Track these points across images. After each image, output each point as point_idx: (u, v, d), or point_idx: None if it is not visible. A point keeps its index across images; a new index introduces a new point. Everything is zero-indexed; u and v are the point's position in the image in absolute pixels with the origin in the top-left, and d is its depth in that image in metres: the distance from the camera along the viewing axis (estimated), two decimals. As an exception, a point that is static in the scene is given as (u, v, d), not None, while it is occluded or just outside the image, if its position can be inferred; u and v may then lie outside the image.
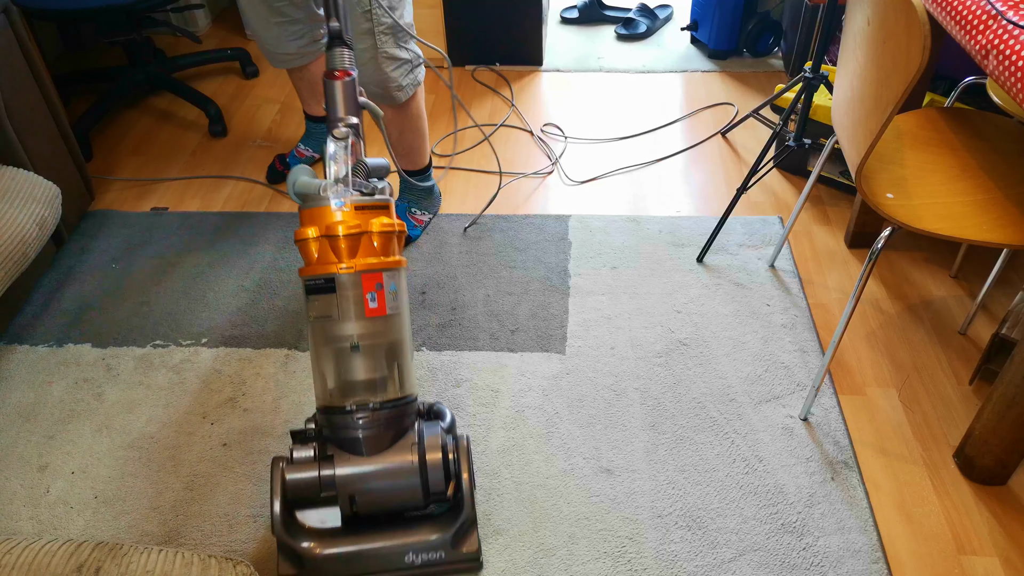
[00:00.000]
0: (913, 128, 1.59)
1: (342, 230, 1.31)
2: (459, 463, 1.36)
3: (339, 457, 1.34)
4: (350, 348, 1.34)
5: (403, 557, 1.34)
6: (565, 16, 3.30)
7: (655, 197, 2.30)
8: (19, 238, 1.77)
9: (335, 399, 1.35)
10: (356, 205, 1.34)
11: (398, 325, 1.38)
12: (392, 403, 1.36)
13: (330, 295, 1.33)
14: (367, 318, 1.33)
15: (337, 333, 1.33)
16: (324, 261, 1.33)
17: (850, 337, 1.84)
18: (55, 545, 1.11)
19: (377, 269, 1.34)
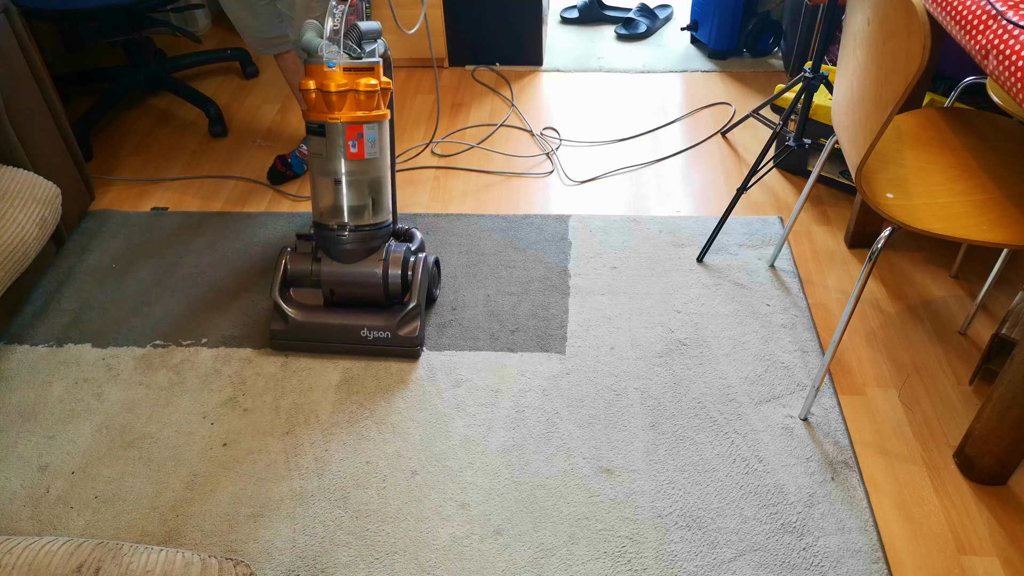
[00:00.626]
0: (913, 128, 1.59)
1: (332, 87, 1.62)
2: (414, 275, 1.79)
3: (325, 261, 1.78)
4: (334, 182, 1.70)
5: (359, 332, 1.78)
6: (565, 16, 3.30)
7: (655, 197, 2.30)
8: (19, 238, 1.77)
9: (324, 218, 1.74)
10: (346, 66, 1.62)
11: (375, 166, 1.72)
12: (367, 227, 1.75)
13: (322, 138, 1.67)
14: (348, 159, 1.68)
15: (326, 168, 1.70)
16: (318, 110, 1.66)
17: (850, 337, 1.84)
18: (55, 545, 1.11)
19: (359, 121, 1.66)
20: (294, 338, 1.80)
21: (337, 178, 1.70)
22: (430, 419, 1.69)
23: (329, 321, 1.79)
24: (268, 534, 1.49)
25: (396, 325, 1.77)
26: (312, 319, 1.79)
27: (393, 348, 1.79)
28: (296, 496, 1.55)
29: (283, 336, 1.80)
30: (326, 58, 1.62)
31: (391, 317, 1.78)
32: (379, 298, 1.79)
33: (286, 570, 1.43)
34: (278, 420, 1.70)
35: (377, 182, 1.74)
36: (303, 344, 1.81)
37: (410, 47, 2.92)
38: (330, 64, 1.62)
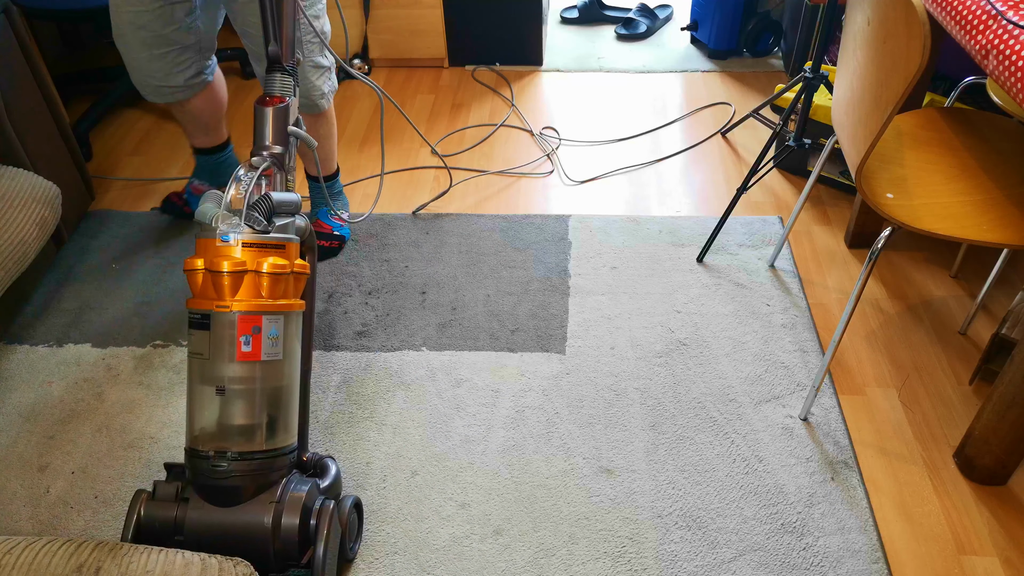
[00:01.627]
0: (913, 128, 1.59)
1: (224, 266, 1.23)
2: (319, 527, 1.26)
3: (194, 502, 1.25)
4: (215, 391, 1.25)
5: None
6: (565, 16, 3.30)
7: (655, 197, 2.30)
8: (19, 238, 1.77)
9: (197, 442, 1.27)
10: (246, 242, 1.25)
11: (277, 372, 1.29)
12: (257, 454, 1.25)
13: (204, 332, 1.25)
14: (237, 361, 1.25)
15: (208, 373, 1.25)
16: (203, 295, 1.25)
17: (850, 337, 1.84)
18: (55, 545, 1.11)
19: (256, 312, 1.24)
20: None
21: (220, 386, 1.24)
22: (430, 419, 1.69)
23: None
24: (268, 534, 1.49)
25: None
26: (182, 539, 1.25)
27: None
28: (296, 496, 1.55)
29: None
30: (220, 231, 1.25)
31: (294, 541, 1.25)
32: (266, 560, 1.25)
33: (286, 570, 1.43)
34: (278, 420, 1.70)
35: (277, 393, 1.29)
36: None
37: (410, 47, 2.92)
38: (223, 238, 1.24)
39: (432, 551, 1.45)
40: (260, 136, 1.37)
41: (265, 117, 1.37)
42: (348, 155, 2.51)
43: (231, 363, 1.24)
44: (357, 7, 2.83)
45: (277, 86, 1.41)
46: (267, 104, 1.38)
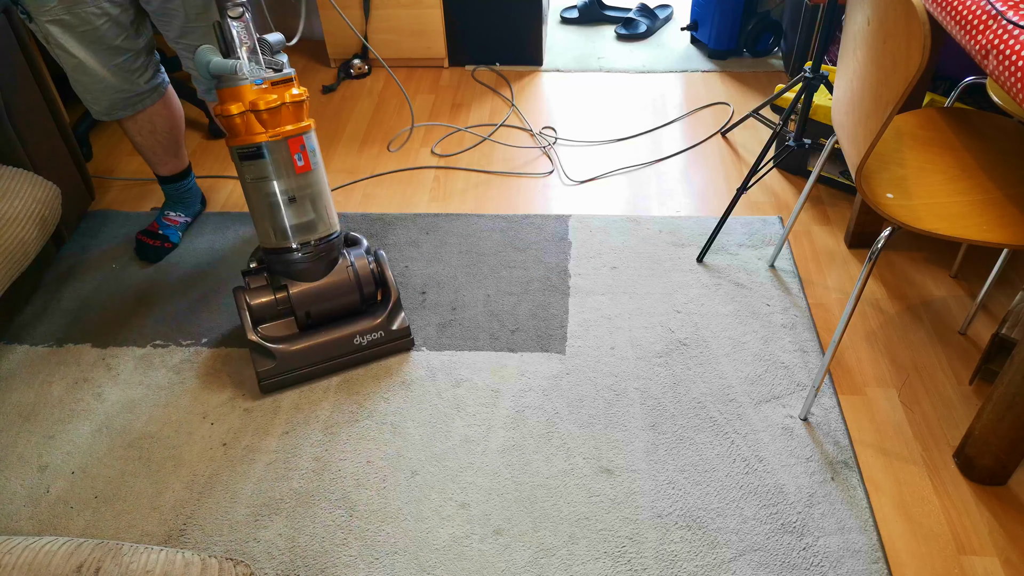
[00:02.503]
0: (913, 128, 1.59)
1: (263, 104, 1.55)
2: (382, 272, 1.79)
3: (292, 284, 1.71)
4: (288, 200, 1.64)
5: (352, 341, 1.75)
6: (565, 16, 3.30)
7: (655, 197, 2.30)
8: (19, 238, 1.77)
9: (280, 241, 1.68)
10: (274, 81, 1.58)
11: (319, 176, 1.68)
12: (325, 239, 1.71)
13: (261, 160, 1.60)
14: (297, 175, 1.63)
15: (274, 189, 1.63)
16: (252, 132, 1.58)
17: (850, 337, 1.84)
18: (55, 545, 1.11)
19: (298, 134, 1.60)
20: (286, 371, 1.72)
21: (290, 196, 1.64)
22: (430, 419, 1.69)
23: (319, 340, 1.73)
24: (268, 534, 1.49)
25: (386, 322, 1.77)
26: (300, 345, 1.72)
27: (389, 346, 1.79)
28: (296, 496, 1.55)
29: (274, 374, 1.71)
30: (251, 76, 1.56)
31: (377, 316, 1.77)
32: (356, 305, 1.78)
33: (286, 570, 1.43)
34: (278, 420, 1.70)
35: (323, 192, 1.70)
36: (297, 375, 1.73)
37: (411, 47, 2.92)
38: (257, 82, 1.56)
39: (432, 551, 1.45)
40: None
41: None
42: (348, 155, 2.51)
43: (292, 176, 1.63)
44: (357, 7, 2.83)
45: None
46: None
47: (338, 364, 1.76)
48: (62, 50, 1.76)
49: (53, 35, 1.73)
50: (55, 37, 1.73)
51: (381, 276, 1.80)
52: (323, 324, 1.76)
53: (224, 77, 1.56)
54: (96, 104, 1.88)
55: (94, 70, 1.80)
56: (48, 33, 1.73)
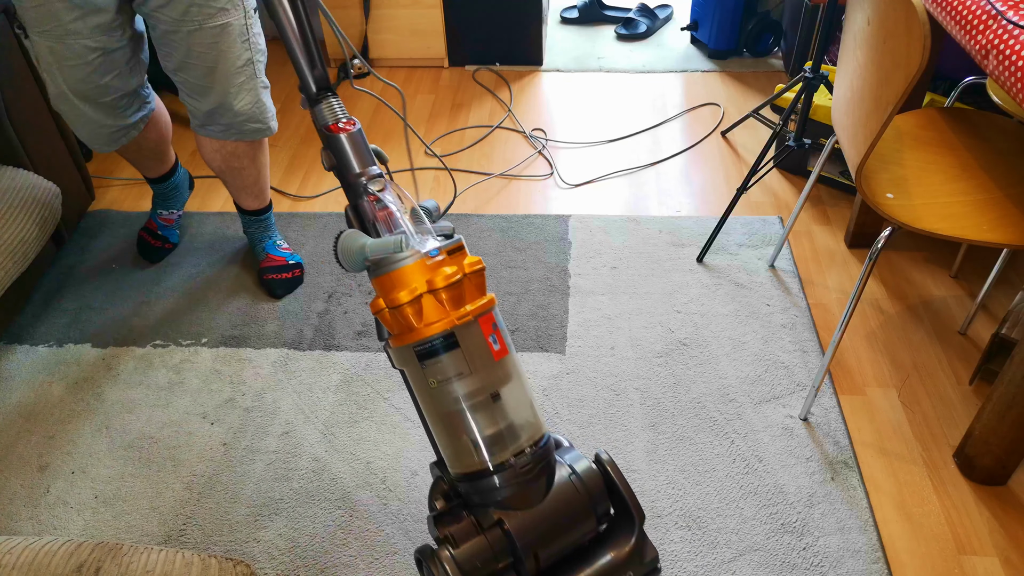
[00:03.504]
0: (913, 128, 1.59)
1: (442, 281, 1.17)
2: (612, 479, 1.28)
3: (509, 517, 1.20)
4: (491, 399, 1.22)
5: None
6: (565, 16, 3.30)
7: (655, 197, 2.30)
8: (19, 238, 1.77)
9: (488, 458, 1.21)
10: (448, 249, 1.20)
11: (516, 360, 1.27)
12: (541, 442, 1.24)
13: (454, 352, 1.19)
14: (496, 362, 1.21)
15: (472, 388, 1.20)
16: (432, 320, 1.18)
17: (850, 337, 1.84)
18: (55, 545, 1.11)
19: (486, 311, 1.21)
20: None
21: (495, 392, 1.22)
22: (430, 419, 1.69)
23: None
24: (268, 534, 1.49)
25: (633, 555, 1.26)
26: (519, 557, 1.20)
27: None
28: (296, 496, 1.55)
29: None
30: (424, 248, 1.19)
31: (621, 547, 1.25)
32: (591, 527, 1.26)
33: (286, 570, 1.43)
34: (278, 420, 1.70)
35: (522, 380, 1.27)
36: None
37: (411, 47, 2.92)
38: (432, 253, 1.18)
39: (432, 551, 1.45)
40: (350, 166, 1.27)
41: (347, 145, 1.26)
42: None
43: (494, 365, 1.21)
44: (357, 7, 2.83)
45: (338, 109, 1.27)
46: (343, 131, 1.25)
47: None
48: (48, 75, 1.65)
49: (43, 57, 1.62)
50: (44, 60, 1.63)
51: (611, 484, 1.28)
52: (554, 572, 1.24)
53: (386, 260, 1.19)
54: (78, 132, 1.78)
55: (78, 107, 1.69)
56: (39, 54, 1.63)
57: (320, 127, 1.25)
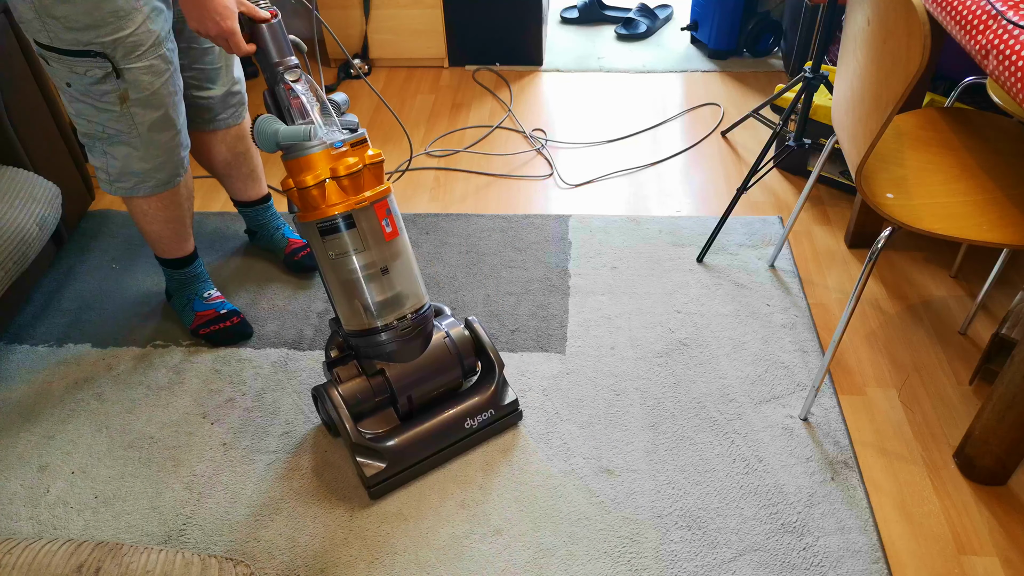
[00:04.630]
0: (913, 128, 1.59)
1: (344, 169, 1.38)
2: (479, 340, 1.61)
3: (387, 367, 1.52)
4: (380, 272, 1.46)
5: (463, 425, 1.57)
6: (565, 16, 3.30)
7: (655, 197, 2.30)
8: (19, 238, 1.77)
9: (373, 320, 1.49)
10: (352, 142, 1.41)
11: (405, 242, 1.50)
12: (419, 311, 1.52)
13: (350, 231, 1.42)
14: (387, 242, 1.45)
15: (362, 263, 1.44)
16: (333, 202, 1.40)
17: (850, 337, 1.84)
18: (55, 545, 1.11)
19: (381, 197, 1.43)
20: (397, 471, 1.52)
21: (384, 266, 1.46)
22: (430, 419, 1.69)
23: (427, 429, 1.53)
24: (268, 534, 1.49)
25: (494, 397, 1.59)
26: (409, 438, 1.52)
27: (499, 424, 1.62)
28: (296, 496, 1.55)
29: (385, 476, 1.51)
30: (329, 140, 1.39)
31: (483, 392, 1.59)
32: (458, 381, 1.62)
33: (286, 570, 1.43)
34: (278, 420, 1.70)
35: (411, 259, 1.52)
36: (409, 474, 1.54)
37: (411, 47, 2.92)
38: (336, 145, 1.39)
39: (432, 550, 1.45)
40: (269, 55, 1.43)
41: (274, 33, 1.42)
42: (348, 155, 2.51)
43: (383, 244, 1.45)
44: (357, 7, 2.83)
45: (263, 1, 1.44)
46: (262, 20, 1.42)
47: (447, 455, 1.58)
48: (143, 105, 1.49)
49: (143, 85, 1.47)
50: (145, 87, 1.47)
51: (479, 344, 1.61)
52: (423, 411, 1.58)
53: (296, 146, 1.39)
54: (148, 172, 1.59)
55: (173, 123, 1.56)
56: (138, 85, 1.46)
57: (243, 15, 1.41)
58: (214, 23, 1.36)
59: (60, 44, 1.39)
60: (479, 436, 1.60)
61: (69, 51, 1.40)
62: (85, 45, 1.39)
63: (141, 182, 1.61)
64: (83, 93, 1.46)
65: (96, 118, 1.50)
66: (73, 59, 1.41)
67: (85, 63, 1.41)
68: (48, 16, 1.35)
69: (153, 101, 1.50)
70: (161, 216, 1.69)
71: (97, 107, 1.48)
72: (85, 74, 1.43)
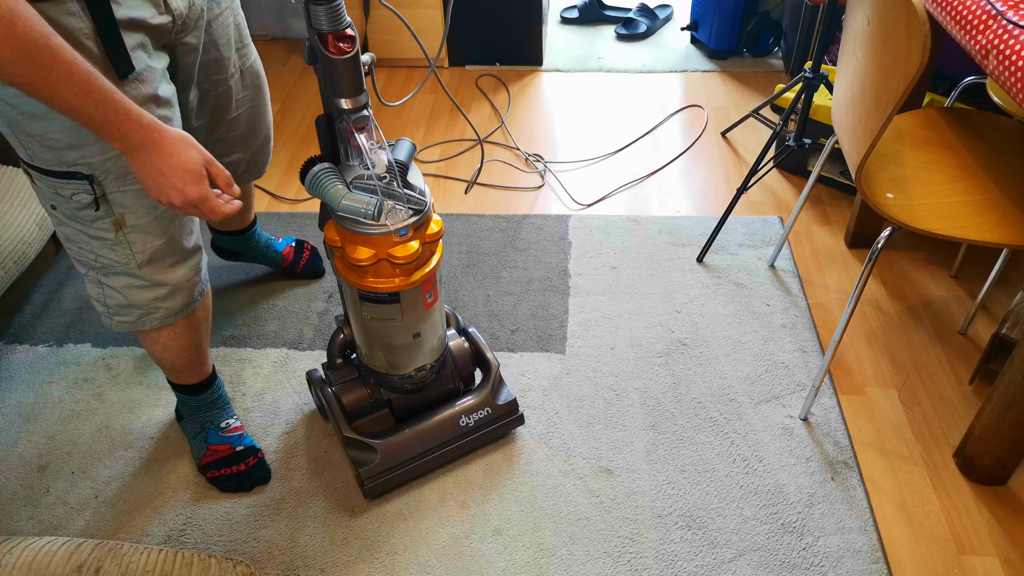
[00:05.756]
0: (913, 128, 1.59)
1: (403, 257, 1.25)
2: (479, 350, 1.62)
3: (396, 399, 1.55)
4: (412, 337, 1.42)
5: (458, 423, 1.55)
6: (565, 16, 3.30)
7: (655, 197, 2.30)
8: (19, 238, 1.77)
9: (395, 370, 1.48)
10: (415, 226, 1.26)
11: (441, 304, 1.46)
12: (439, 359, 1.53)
13: (393, 304, 1.34)
14: (426, 311, 1.40)
15: (399, 329, 1.40)
16: (382, 276, 1.30)
17: (850, 337, 1.84)
18: (55, 545, 1.11)
19: (432, 275, 1.35)
20: (391, 467, 1.50)
21: (416, 332, 1.42)
22: (430, 419, 1.69)
23: (422, 427, 1.53)
24: (268, 534, 1.49)
25: (490, 397, 1.58)
26: (403, 436, 1.52)
27: (498, 425, 1.59)
28: (296, 496, 1.55)
29: (378, 472, 1.49)
30: (392, 225, 1.22)
31: (479, 391, 1.59)
32: (456, 392, 1.62)
33: (286, 570, 1.43)
34: (278, 420, 1.70)
35: (442, 319, 1.49)
36: (404, 472, 1.51)
37: (411, 47, 2.92)
38: (402, 232, 1.24)
39: (432, 550, 1.45)
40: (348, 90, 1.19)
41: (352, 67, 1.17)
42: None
43: (422, 314, 1.40)
44: (357, 7, 2.83)
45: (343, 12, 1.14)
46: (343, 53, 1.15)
47: (446, 454, 1.55)
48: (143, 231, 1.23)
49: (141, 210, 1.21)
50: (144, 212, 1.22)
51: (478, 355, 1.63)
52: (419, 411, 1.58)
53: (356, 221, 1.23)
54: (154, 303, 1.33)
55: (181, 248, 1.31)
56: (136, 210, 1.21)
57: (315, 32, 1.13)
58: (177, 192, 1.08)
59: (41, 163, 1.13)
60: (478, 438, 1.58)
61: (52, 172, 1.14)
62: (69, 166, 1.12)
63: (146, 315, 1.33)
64: (71, 218, 1.20)
65: (87, 245, 1.24)
66: (57, 180, 1.14)
67: (71, 186, 1.15)
68: (24, 134, 1.10)
69: (155, 228, 1.23)
70: (174, 345, 1.43)
71: (88, 234, 1.22)
72: (71, 197, 1.16)
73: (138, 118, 1.02)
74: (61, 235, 1.26)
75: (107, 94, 0.98)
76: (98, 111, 0.98)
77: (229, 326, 1.91)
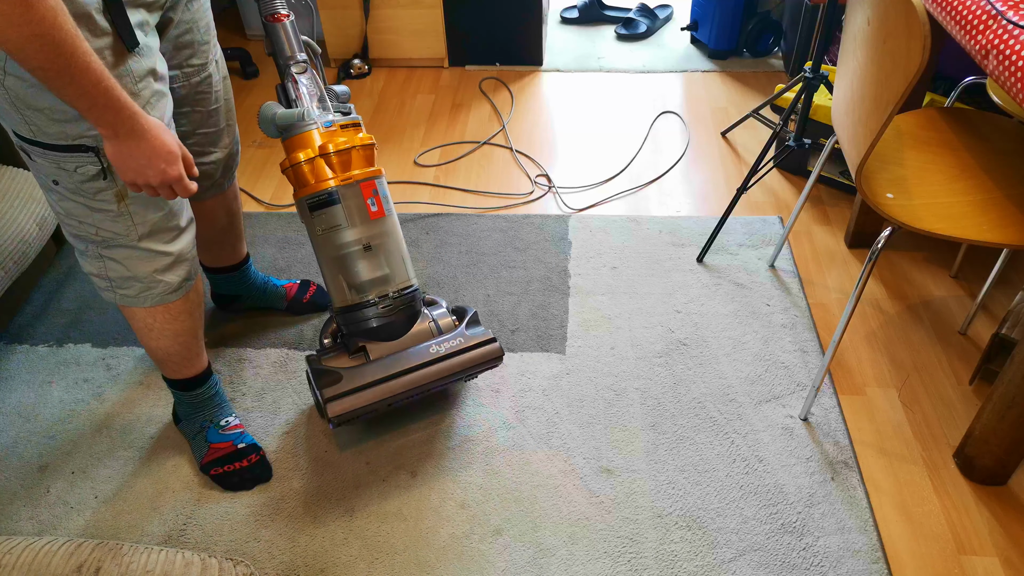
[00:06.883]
0: (913, 128, 1.59)
1: (333, 147, 1.47)
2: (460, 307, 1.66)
3: (371, 347, 1.54)
4: (364, 249, 1.50)
5: (428, 349, 1.55)
6: (565, 16, 3.30)
7: (655, 197, 2.30)
8: (19, 238, 1.77)
9: (356, 296, 1.52)
10: (343, 124, 1.51)
11: (393, 223, 1.55)
12: (403, 290, 1.55)
13: (335, 207, 1.48)
14: (371, 221, 1.50)
15: (348, 239, 1.49)
16: (322, 178, 1.48)
17: (850, 337, 1.84)
18: (55, 545, 1.11)
19: (370, 178, 1.50)
20: (354, 387, 1.48)
21: (367, 243, 1.49)
22: (430, 419, 1.69)
23: (390, 349, 1.53)
24: (268, 534, 1.49)
25: (465, 329, 1.59)
26: (370, 363, 1.51)
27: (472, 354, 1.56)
28: (296, 496, 1.55)
29: (342, 392, 1.47)
30: (320, 120, 1.48)
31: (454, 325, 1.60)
32: None
33: (286, 570, 1.43)
34: (278, 420, 1.70)
35: (399, 241, 1.55)
36: (370, 399, 1.48)
37: (411, 47, 2.92)
38: (326, 124, 1.48)
39: (432, 550, 1.45)
40: (283, 50, 1.51)
41: (283, 32, 1.50)
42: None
43: (368, 223, 1.50)
44: (357, 7, 2.83)
45: (278, 2, 1.50)
46: (279, 20, 1.49)
47: (414, 379, 1.51)
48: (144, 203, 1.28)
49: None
50: None
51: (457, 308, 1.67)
52: None
53: (291, 126, 1.48)
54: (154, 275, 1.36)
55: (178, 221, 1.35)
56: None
57: (263, 16, 1.50)
58: (158, 173, 1.16)
59: (45, 138, 1.16)
60: (449, 367, 1.53)
61: (56, 146, 1.17)
62: (74, 139, 1.17)
63: (147, 289, 1.37)
64: (74, 192, 1.23)
65: (88, 219, 1.27)
66: (61, 155, 1.18)
67: (75, 159, 1.19)
68: (28, 108, 1.13)
69: (154, 200, 1.29)
70: (169, 330, 1.46)
71: (91, 207, 1.25)
72: (75, 171, 1.20)
73: (130, 106, 1.10)
74: (61, 211, 1.29)
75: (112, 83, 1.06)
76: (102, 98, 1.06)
77: (229, 326, 1.91)
